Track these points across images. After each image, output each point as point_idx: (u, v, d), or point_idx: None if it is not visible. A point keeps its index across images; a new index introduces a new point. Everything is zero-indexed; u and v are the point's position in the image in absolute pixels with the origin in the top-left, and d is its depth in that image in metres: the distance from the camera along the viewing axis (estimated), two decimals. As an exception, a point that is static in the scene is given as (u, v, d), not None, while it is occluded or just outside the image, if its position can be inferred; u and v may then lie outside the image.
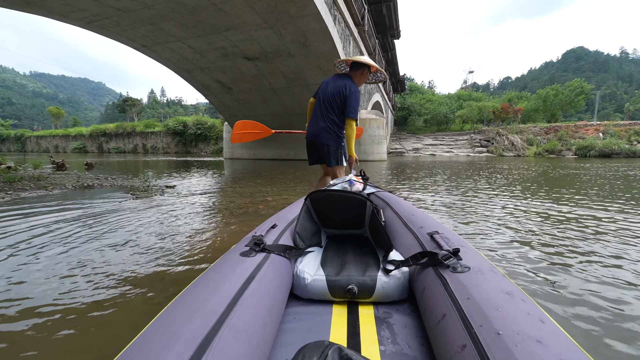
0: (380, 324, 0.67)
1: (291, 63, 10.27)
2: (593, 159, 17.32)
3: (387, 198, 1.43)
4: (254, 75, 11.53)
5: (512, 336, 0.42)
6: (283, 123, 14.71)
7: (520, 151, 22.47)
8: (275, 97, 12.86)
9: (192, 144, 33.03)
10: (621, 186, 4.63)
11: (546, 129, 23.81)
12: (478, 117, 30.47)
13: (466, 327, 0.47)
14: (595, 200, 3.39)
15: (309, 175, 6.64)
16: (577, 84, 29.05)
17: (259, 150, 16.21)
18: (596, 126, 22.77)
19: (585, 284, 1.36)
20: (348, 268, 0.83)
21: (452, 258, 0.66)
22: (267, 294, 0.61)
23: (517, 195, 3.76)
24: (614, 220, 2.43)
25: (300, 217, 0.98)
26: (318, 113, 2.08)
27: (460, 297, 0.54)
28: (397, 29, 18.71)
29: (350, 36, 10.98)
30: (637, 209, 2.88)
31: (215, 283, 0.57)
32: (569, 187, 4.54)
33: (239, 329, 0.47)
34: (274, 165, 11.12)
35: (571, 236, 2.04)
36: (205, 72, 11.82)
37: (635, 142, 19.88)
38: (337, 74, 2.15)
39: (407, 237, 0.93)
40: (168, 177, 6.09)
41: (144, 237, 1.96)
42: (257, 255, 0.72)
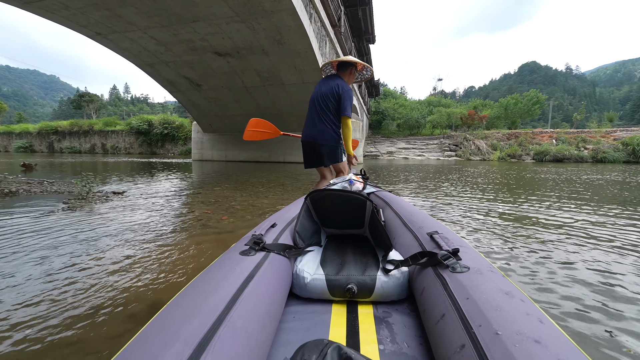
0: (379, 324, 0.67)
1: (265, 61, 9.81)
2: (548, 163, 18.80)
3: (387, 198, 1.41)
4: (225, 73, 10.88)
5: (511, 336, 0.42)
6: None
7: (486, 155, 23.84)
8: (249, 97, 12.27)
9: (158, 144, 30.94)
10: (580, 188, 4.82)
11: (508, 135, 25.53)
12: (447, 123, 31.96)
13: (465, 327, 0.47)
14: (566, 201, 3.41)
15: (283, 178, 6.23)
16: (533, 95, 31.69)
17: (232, 152, 15.42)
18: (550, 133, 24.84)
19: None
20: (348, 267, 0.83)
21: (452, 258, 0.66)
22: (266, 293, 0.60)
23: (487, 196, 3.70)
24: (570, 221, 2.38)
25: (300, 217, 0.97)
26: (314, 115, 2.07)
27: (459, 297, 0.53)
28: (372, 34, 18.95)
29: (326, 36, 10.77)
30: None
31: (214, 282, 0.57)
32: (545, 190, 4.63)
33: (238, 327, 0.47)
34: (247, 167, 10.52)
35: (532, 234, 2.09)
36: (170, 66, 10.94)
37: (582, 148, 21.93)
38: (327, 77, 2.13)
39: (407, 237, 0.92)
40: (121, 180, 5.36)
41: (32, 273, 1.35)
42: (256, 254, 0.72)
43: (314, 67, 9.79)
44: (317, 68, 9.77)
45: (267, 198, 3.58)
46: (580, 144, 22.30)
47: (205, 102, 13.19)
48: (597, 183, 5.89)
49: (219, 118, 14.31)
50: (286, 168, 10.38)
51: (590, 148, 21.56)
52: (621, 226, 2.37)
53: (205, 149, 15.71)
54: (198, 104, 13.49)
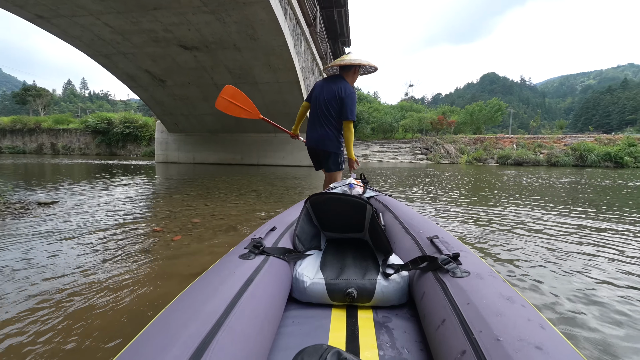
0: (379, 329, 0.66)
1: (237, 57, 9.20)
2: (510, 166, 20.09)
3: (387, 202, 1.42)
4: (192, 68, 10.08)
5: (513, 342, 0.41)
6: (228, 124, 13.34)
7: (454, 159, 24.96)
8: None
9: (119, 144, 28.45)
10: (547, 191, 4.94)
11: (474, 139, 26.99)
12: (418, 127, 33.11)
13: (466, 333, 0.46)
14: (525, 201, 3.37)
15: (256, 183, 5.72)
16: (495, 102, 33.94)
17: (200, 154, 14.43)
18: (511, 138, 26.67)
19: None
20: (347, 272, 0.82)
21: (452, 263, 0.66)
22: (265, 297, 0.60)
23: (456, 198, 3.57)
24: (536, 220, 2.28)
25: (300, 220, 0.96)
26: (316, 119, 2.04)
27: (460, 302, 0.53)
28: (347, 37, 18.98)
29: (302, 35, 10.42)
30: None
31: (213, 285, 0.57)
32: (512, 191, 4.66)
33: (237, 332, 0.46)
34: (217, 170, 9.78)
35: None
36: (130, 59, 9.91)
37: (538, 152, 23.77)
38: (329, 77, 2.09)
39: (407, 241, 0.92)
40: (58, 186, 4.53)
41: None
42: (256, 257, 0.71)
43: (289, 66, 9.38)
44: (292, 67, 9.38)
45: (237, 208, 3.10)
46: (537, 149, 24.18)
47: (170, 99, 12.18)
48: (558, 185, 6.15)
49: (185, 117, 13.31)
50: (261, 171, 9.81)
51: (545, 153, 23.43)
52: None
53: (171, 151, 14.54)
54: (162, 101, 12.43)
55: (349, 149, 2.05)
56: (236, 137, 13.85)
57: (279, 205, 3.32)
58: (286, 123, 13.81)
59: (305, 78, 11.32)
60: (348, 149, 2.05)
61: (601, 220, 2.80)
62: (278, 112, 12.08)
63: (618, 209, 3.49)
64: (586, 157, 21.77)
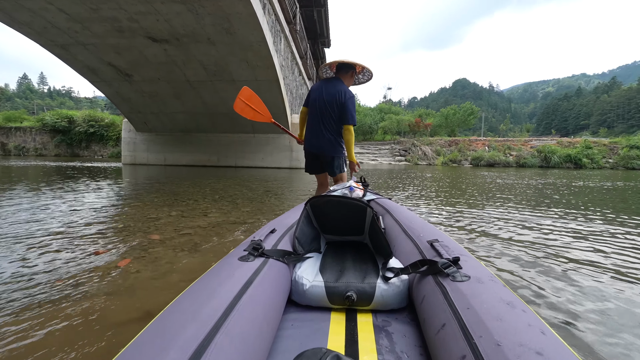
0: (378, 333, 0.66)
1: (212, 52, 8.64)
2: (483, 168, 20.97)
3: (387, 205, 1.40)
4: (162, 63, 9.35)
5: (513, 348, 0.41)
6: (203, 124, 12.61)
7: (431, 160, 25.68)
8: (192, 92, 10.82)
9: (82, 145, 26.26)
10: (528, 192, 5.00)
11: (449, 141, 27.96)
12: (397, 129, 33.81)
13: (466, 338, 0.46)
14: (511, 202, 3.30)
15: (233, 187, 5.27)
16: (468, 106, 35.49)
17: (172, 155, 13.52)
18: (483, 141, 27.92)
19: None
20: (347, 275, 0.81)
21: (452, 267, 0.65)
22: (264, 300, 0.59)
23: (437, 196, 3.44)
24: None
25: (299, 222, 0.96)
26: (316, 123, 2.02)
27: (460, 307, 0.53)
28: (327, 37, 18.82)
29: (281, 32, 10.05)
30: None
31: (212, 288, 0.56)
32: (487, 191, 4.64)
33: (235, 335, 0.46)
34: (190, 173, 9.12)
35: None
36: (90, 50, 9.00)
37: (508, 154, 25.08)
38: (326, 79, 2.06)
39: (407, 244, 0.91)
40: (-3, 193, 3.83)
41: None
42: (255, 260, 0.71)
43: (268, 64, 8.97)
44: (271, 65, 8.98)
45: (208, 218, 2.68)
46: (507, 151, 25.50)
47: (138, 96, 11.27)
48: (525, 185, 6.31)
49: (155, 116, 12.40)
50: (239, 174, 9.28)
51: (514, 154, 24.76)
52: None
53: (139, 151, 13.50)
54: (129, 97, 11.47)
55: (350, 152, 2.03)
56: (211, 137, 13.13)
57: (257, 213, 2.94)
58: (265, 123, 13.22)
59: (285, 77, 10.94)
60: (349, 152, 2.03)
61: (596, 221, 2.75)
62: (257, 112, 11.60)
63: (611, 213, 3.49)
64: (550, 159, 23.27)
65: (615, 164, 22.93)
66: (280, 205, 3.47)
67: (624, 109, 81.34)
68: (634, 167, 22.02)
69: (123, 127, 13.64)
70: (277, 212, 3.01)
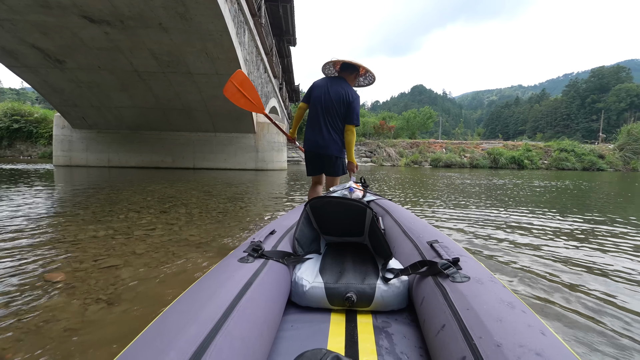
0: (379, 334, 0.66)
1: (165, 40, 7.65)
2: (441, 168, 22.25)
3: (387, 206, 1.39)
4: (103, 48, 8.07)
5: (513, 348, 0.41)
6: (155, 120, 11.29)
7: (395, 162, 26.60)
8: (142, 85, 9.57)
9: (2, 143, 22.20)
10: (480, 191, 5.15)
11: (410, 143, 29.27)
12: (362, 131, 34.56)
13: (466, 339, 0.46)
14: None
15: (189, 194, 4.56)
16: (427, 110, 37.65)
17: (118, 155, 11.89)
18: (441, 143, 29.71)
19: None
20: (347, 276, 0.81)
21: (452, 267, 0.65)
22: (264, 301, 0.59)
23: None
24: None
25: (299, 224, 0.95)
26: (321, 121, 1.95)
27: (459, 308, 0.53)
28: (293, 35, 18.31)
29: (245, 24, 9.35)
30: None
31: (212, 289, 0.56)
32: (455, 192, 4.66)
33: (235, 336, 0.46)
34: (139, 176, 7.98)
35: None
36: (6, 28, 7.40)
37: (463, 156, 27.00)
38: (331, 78, 2.01)
39: (407, 245, 0.91)
40: None
41: None
42: (255, 261, 0.70)
43: (231, 57, 8.24)
44: (234, 57, 8.26)
45: (147, 239, 2.01)
46: (462, 153, 27.44)
47: (74, 86, 9.66)
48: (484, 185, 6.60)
49: (96, 110, 10.78)
50: (197, 176, 8.37)
51: (468, 156, 26.73)
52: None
53: (76, 151, 11.63)
54: (61, 88, 9.78)
55: (350, 152, 2.00)
56: (165, 135, 11.82)
57: (218, 229, 2.36)
58: (228, 121, 12.26)
59: (249, 72, 10.23)
60: (349, 152, 2.00)
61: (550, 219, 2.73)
62: (219, 110, 10.68)
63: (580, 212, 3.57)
64: (498, 160, 25.56)
65: (550, 164, 25.96)
66: (247, 216, 2.94)
67: (552, 117, 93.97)
68: (563, 167, 25.15)
69: (55, 123, 11.64)
70: (243, 226, 2.49)
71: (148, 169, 11.17)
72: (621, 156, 26.19)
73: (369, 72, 2.03)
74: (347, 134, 1.95)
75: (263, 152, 12.09)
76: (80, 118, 11.08)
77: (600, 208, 4.02)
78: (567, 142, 29.47)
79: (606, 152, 27.18)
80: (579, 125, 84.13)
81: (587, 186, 7.85)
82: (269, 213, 3.13)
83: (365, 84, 2.15)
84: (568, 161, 25.55)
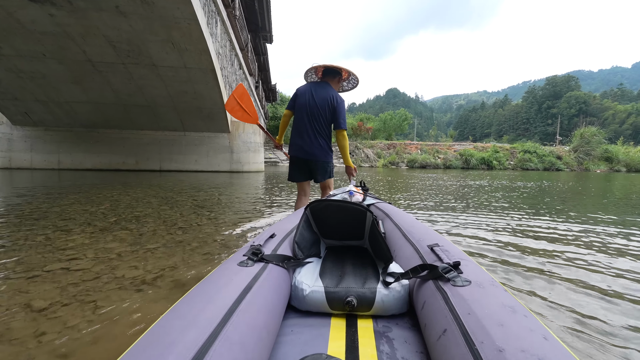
0: (379, 339, 0.65)
1: (123, 26, 6.76)
2: (417, 169, 22.69)
3: (387, 209, 1.39)
4: (48, 33, 6.99)
5: (515, 354, 0.40)
6: (114, 118, 10.15)
7: (373, 163, 26.79)
8: (98, 77, 8.49)
9: None
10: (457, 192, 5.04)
11: (388, 145, 29.70)
12: (340, 132, 34.50)
13: (467, 343, 0.45)
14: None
15: (145, 201, 3.87)
16: (403, 113, 38.53)
17: (70, 156, 10.54)
18: (416, 144, 30.44)
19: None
20: (347, 279, 0.81)
21: (453, 271, 0.65)
22: (264, 306, 0.59)
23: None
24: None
25: (299, 227, 0.95)
26: (306, 127, 1.94)
27: (461, 312, 0.53)
28: (269, 32, 17.63)
29: (217, 15, 8.64)
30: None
31: (211, 293, 0.56)
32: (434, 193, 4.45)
33: (234, 341, 0.45)
34: (93, 180, 6.98)
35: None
36: None
37: (437, 157, 27.84)
38: (314, 82, 2.00)
39: (407, 249, 0.92)
40: None
41: None
42: (254, 265, 0.70)
43: (201, 48, 7.51)
44: (205, 49, 7.54)
45: (53, 287, 1.39)
46: (435, 154, 28.30)
47: (12, 77, 8.35)
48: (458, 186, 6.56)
49: (43, 105, 9.44)
50: (163, 180, 7.51)
51: (442, 157, 27.61)
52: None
53: (18, 152, 10.14)
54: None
55: (346, 156, 1.99)
56: (127, 134, 10.69)
57: (173, 256, 1.69)
58: (199, 120, 11.33)
59: (223, 68, 9.51)
60: (345, 156, 1.98)
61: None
62: (188, 107, 9.81)
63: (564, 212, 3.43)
64: (469, 161, 26.65)
65: (515, 165, 27.54)
66: (215, 233, 2.36)
67: (513, 121, 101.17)
68: (527, 167, 26.79)
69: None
70: (208, 249, 1.96)
71: (108, 171, 10.00)
72: (576, 157, 28.47)
73: (352, 75, 2.01)
74: (339, 138, 1.93)
75: (238, 152, 11.35)
76: (22, 113, 9.66)
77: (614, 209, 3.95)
78: (530, 144, 31.49)
79: (563, 153, 29.41)
80: (537, 129, 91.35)
81: (574, 185, 8.12)
82: (244, 226, 2.59)
83: (349, 88, 2.14)
84: (531, 162, 27.25)
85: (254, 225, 2.62)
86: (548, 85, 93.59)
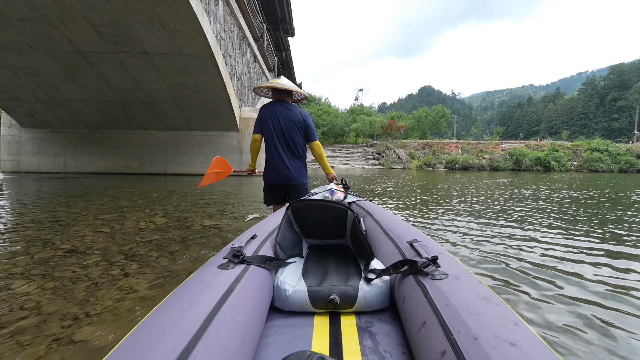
0: (362, 334, 0.67)
1: (100, 3, 5.68)
2: (457, 172, 19.80)
3: (368, 207, 1.42)
4: (26, 19, 6.16)
5: (489, 340, 0.43)
6: (116, 117, 9.36)
7: (405, 164, 24.24)
8: (91, 71, 7.64)
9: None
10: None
11: (422, 144, 26.87)
12: (369, 132, 32.38)
13: (446, 334, 0.48)
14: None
15: (140, 212, 2.47)
16: (440, 109, 35.12)
17: (75, 159, 10.00)
18: (456, 144, 27.19)
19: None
20: (330, 278, 0.82)
21: (431, 265, 0.67)
22: (246, 308, 0.59)
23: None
24: None
25: (281, 227, 0.96)
26: (280, 152, 1.97)
27: (439, 304, 0.54)
28: (290, 24, 16.34)
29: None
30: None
31: (190, 298, 0.55)
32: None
33: (216, 346, 0.45)
34: (94, 185, 5.98)
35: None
36: None
37: (481, 157, 24.43)
38: (275, 103, 2.03)
39: (388, 245, 0.94)
40: None
41: None
42: (235, 267, 0.70)
43: (193, 27, 6.21)
44: (197, 28, 6.23)
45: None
46: (480, 154, 24.88)
47: (8, 74, 7.82)
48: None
49: (45, 105, 8.92)
50: (169, 185, 6.37)
51: (487, 157, 24.13)
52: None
53: (25, 154, 9.82)
54: (-5, 77, 7.95)
55: (325, 164, 2.09)
56: (131, 135, 9.90)
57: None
58: (204, 117, 10.01)
59: (227, 55, 8.19)
60: (324, 165, 2.09)
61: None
62: (191, 102, 8.67)
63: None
64: (521, 162, 22.91)
65: (580, 166, 23.18)
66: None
67: (567, 116, 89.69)
68: (597, 169, 22.34)
69: (2, 122, 9.87)
70: None
71: (112, 175, 9.25)
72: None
73: (295, 92, 2.04)
74: (316, 149, 2.04)
75: (248, 153, 10.00)
76: (28, 115, 9.26)
77: None
78: (599, 140, 26.58)
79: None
80: (597, 125, 79.82)
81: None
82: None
83: (296, 100, 2.17)
84: (602, 162, 22.71)
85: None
86: (612, 74, 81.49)
